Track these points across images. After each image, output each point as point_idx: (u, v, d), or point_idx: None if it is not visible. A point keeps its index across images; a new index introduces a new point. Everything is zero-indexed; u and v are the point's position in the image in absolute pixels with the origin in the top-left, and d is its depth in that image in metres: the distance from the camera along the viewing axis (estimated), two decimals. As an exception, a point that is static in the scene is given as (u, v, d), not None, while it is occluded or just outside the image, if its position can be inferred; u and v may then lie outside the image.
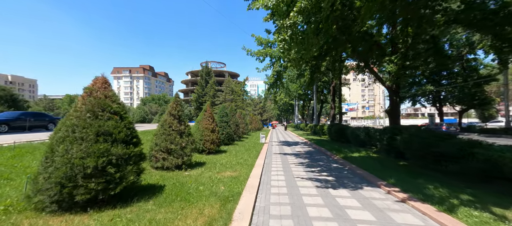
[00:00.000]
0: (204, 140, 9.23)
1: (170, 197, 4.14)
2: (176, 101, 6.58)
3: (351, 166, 7.56)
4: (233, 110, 16.14)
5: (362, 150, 11.11)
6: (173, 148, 6.09)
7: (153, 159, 6.04)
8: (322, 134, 21.48)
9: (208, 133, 9.34)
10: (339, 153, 10.39)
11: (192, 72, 79.37)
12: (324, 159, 9.61)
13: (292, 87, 36.87)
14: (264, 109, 71.74)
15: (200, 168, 6.83)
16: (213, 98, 48.37)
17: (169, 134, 6.21)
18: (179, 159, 6.14)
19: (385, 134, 9.16)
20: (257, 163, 8.09)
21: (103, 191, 3.26)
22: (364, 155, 9.80)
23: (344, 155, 9.69)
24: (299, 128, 40.67)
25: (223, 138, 12.45)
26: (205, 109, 9.87)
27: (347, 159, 8.78)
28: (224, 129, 12.58)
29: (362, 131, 11.92)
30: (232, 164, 7.77)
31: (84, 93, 3.59)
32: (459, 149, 5.42)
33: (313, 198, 4.59)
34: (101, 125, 3.38)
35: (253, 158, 9.15)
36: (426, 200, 4.17)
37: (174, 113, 6.45)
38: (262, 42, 14.80)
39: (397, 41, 9.88)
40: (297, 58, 13.73)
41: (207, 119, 9.63)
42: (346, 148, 12.00)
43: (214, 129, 9.64)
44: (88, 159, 3.11)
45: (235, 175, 6.13)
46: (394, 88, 11.04)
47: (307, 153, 11.55)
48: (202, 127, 9.43)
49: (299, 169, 7.52)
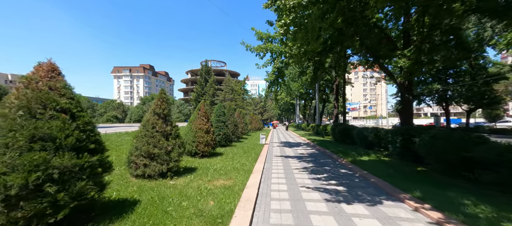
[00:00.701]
0: (197, 142, 8.33)
1: (141, 219, 3.23)
2: (161, 98, 5.68)
3: (362, 172, 6.63)
4: (231, 110, 15.24)
5: (371, 152, 10.17)
6: (156, 153, 5.19)
7: (133, 165, 5.14)
8: (325, 134, 20.54)
9: (201, 134, 8.43)
10: (346, 156, 9.47)
11: (192, 71, 78.48)
12: (330, 163, 8.69)
13: (293, 86, 35.95)
14: (265, 109, 70.78)
15: (189, 175, 5.92)
16: (213, 98, 47.43)
17: (152, 136, 5.31)
18: (163, 165, 5.23)
19: (398, 135, 8.23)
20: (256, 168, 7.19)
21: (38, 217, 2.36)
22: (374, 158, 8.87)
23: (352, 158, 8.77)
24: (300, 128, 39.74)
25: (220, 139, 11.55)
26: (198, 108, 8.96)
27: (356, 163, 7.86)
28: (220, 129, 11.68)
29: (370, 131, 10.98)
30: (227, 169, 6.86)
31: (19, 84, 2.70)
32: (498, 154, 4.49)
33: (324, 217, 3.68)
34: (39, 127, 2.47)
35: (252, 162, 8.24)
36: (471, 223, 3.25)
37: (159, 111, 5.55)
38: (262, 37, 13.91)
39: (412, 33, 8.91)
40: (300, 53, 12.84)
41: (200, 118, 8.73)
42: (352, 150, 11.08)
43: (208, 129, 8.73)
44: (12, 175, 2.21)
45: (229, 184, 5.22)
46: (406, 85, 10.10)
47: (311, 155, 10.63)
48: (195, 127, 8.53)
49: (303, 175, 6.60)
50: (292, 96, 45.12)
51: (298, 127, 42.89)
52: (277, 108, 72.45)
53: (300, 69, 22.58)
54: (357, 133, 12.40)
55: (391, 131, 8.57)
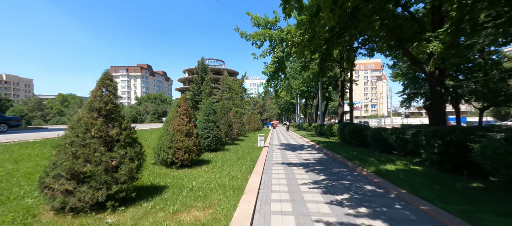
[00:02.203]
0: (174, 148, 6.39)
1: None
2: (104, 85, 3.75)
3: (398, 192, 4.72)
4: (225, 108, 13.30)
5: (393, 158, 8.26)
6: (89, 171, 3.26)
7: (48, 193, 3.20)
8: (330, 135, 18.63)
9: (180, 138, 6.50)
10: (363, 163, 7.56)
11: (189, 70, 76.41)
12: (347, 174, 6.76)
13: (294, 83, 34.07)
14: (264, 108, 68.81)
15: (147, 201, 3.98)
16: (209, 96, 45.35)
17: (84, 143, 3.38)
18: (100, 191, 3.30)
19: (435, 138, 6.32)
20: (250, 184, 5.26)
21: None
22: (402, 167, 6.95)
23: (375, 168, 6.85)
24: (301, 128, 37.82)
25: (209, 142, 9.60)
26: (177, 104, 7.03)
27: (383, 176, 5.94)
28: (210, 131, 9.74)
29: (391, 132, 9.07)
30: (210, 188, 4.94)
31: None
32: None
33: None
34: None
35: (245, 173, 6.33)
36: None
37: (99, 105, 3.61)
38: (260, 23, 11.97)
39: (449, 8, 6.98)
40: (304, 41, 10.91)
41: (180, 117, 6.79)
42: (368, 155, 9.17)
43: (190, 131, 6.80)
44: None
45: (205, 221, 3.31)
46: (437, 75, 8.20)
47: (319, 162, 8.71)
48: (172, 128, 6.59)
49: (316, 197, 4.68)
50: (292, 95, 43.26)
51: (299, 127, 40.98)
52: (277, 107, 70.53)
53: (302, 64, 20.68)
54: (372, 134, 10.49)
55: (426, 133, 6.66)
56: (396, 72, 32.35)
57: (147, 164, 6.86)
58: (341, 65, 18.90)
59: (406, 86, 31.95)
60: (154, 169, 6.31)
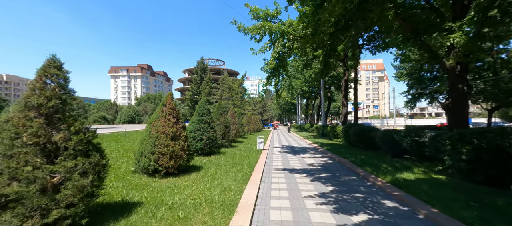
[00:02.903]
0: (157, 153, 5.47)
1: None
2: (48, 74, 2.83)
3: (429, 211, 3.77)
4: (222, 108, 12.37)
5: (409, 165, 7.30)
6: (15, 193, 2.34)
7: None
8: (333, 136, 17.67)
9: (165, 141, 5.58)
10: (377, 171, 6.61)
11: (189, 70, 75.55)
12: (358, 183, 5.82)
13: (295, 83, 33.12)
14: (265, 109, 67.85)
15: (109, 226, 3.06)
16: (209, 96, 44.38)
17: (10, 154, 2.46)
18: (32, 220, 2.38)
19: (462, 143, 5.37)
20: (244, 198, 4.33)
21: None
22: (423, 176, 5.99)
23: (391, 177, 5.90)
24: (303, 129, 36.86)
25: (202, 145, 8.67)
26: (163, 103, 6.11)
27: (404, 188, 4.99)
28: (204, 133, 8.81)
29: (404, 135, 8.11)
30: (195, 204, 4.01)
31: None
32: None
33: None
34: None
35: (241, 182, 5.41)
36: None
37: (39, 102, 2.69)
38: (259, 16, 11.08)
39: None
40: (306, 35, 10.07)
41: (165, 117, 5.87)
42: (378, 160, 8.23)
43: (177, 134, 5.88)
44: None
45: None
46: (459, 71, 7.25)
47: (325, 168, 7.77)
48: (156, 130, 5.67)
49: (326, 217, 3.73)
50: (293, 95, 42.28)
51: (300, 128, 40.01)
52: (278, 108, 69.50)
53: (304, 62, 19.74)
54: (382, 137, 9.53)
55: (451, 136, 5.71)
56: (400, 72, 31.39)
57: (126, 172, 5.93)
58: (344, 64, 17.97)
59: (411, 86, 30.97)
60: (133, 179, 5.40)
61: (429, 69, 27.74)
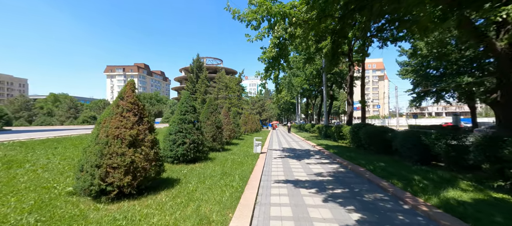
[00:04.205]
0: (105, 166, 3.78)
1: None
2: None
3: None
4: (212, 105, 10.66)
5: (446, 174, 5.67)
6: None
7: None
8: (338, 137, 16.03)
9: (118, 149, 3.89)
10: (410, 186, 4.96)
11: (185, 69, 73.57)
12: (392, 206, 4.17)
13: (296, 81, 31.52)
14: (264, 108, 66.13)
15: None
16: (205, 95, 42.57)
17: None
18: None
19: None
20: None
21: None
22: (483, 197, 4.34)
23: (436, 197, 4.25)
24: (303, 129, 35.21)
25: (184, 150, 6.96)
26: (120, 96, 4.43)
27: (466, 219, 3.36)
28: (186, 135, 7.11)
29: (436, 137, 6.47)
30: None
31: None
32: None
33: None
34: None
35: (227, 206, 3.77)
36: None
37: None
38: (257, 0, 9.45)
39: None
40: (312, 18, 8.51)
41: (120, 115, 4.18)
42: (405, 170, 6.58)
43: (139, 137, 4.20)
44: None
45: None
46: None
47: (338, 179, 6.12)
48: (105, 133, 3.98)
49: None
50: (293, 94, 40.65)
51: (300, 128, 38.37)
52: (277, 108, 67.80)
53: (306, 56, 18.10)
54: (403, 139, 7.90)
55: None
56: (405, 69, 29.91)
57: (60, 194, 4.19)
58: (350, 58, 16.35)
59: (417, 84, 29.45)
60: (66, 205, 3.68)
61: (436, 65, 26.28)
